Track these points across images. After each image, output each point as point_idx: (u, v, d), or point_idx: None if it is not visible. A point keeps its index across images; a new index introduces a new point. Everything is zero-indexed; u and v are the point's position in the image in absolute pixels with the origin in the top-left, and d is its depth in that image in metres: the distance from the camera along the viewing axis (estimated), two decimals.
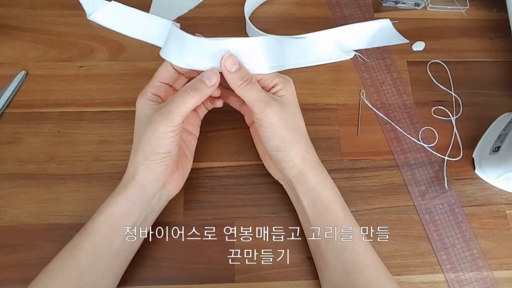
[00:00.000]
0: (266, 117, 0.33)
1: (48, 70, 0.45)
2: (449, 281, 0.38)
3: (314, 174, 0.35)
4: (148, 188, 0.33)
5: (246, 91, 0.33)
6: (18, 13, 0.47)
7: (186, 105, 0.32)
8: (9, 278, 0.37)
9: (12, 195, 0.40)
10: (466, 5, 0.50)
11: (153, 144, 0.32)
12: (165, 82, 0.36)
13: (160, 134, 0.32)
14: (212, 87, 0.33)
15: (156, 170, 0.33)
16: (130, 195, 0.33)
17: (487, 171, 0.41)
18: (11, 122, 0.42)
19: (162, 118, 0.32)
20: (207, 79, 0.33)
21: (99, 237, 0.32)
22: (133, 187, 0.33)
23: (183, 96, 0.32)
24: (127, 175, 0.34)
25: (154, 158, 0.32)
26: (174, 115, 0.31)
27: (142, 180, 0.33)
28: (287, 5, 0.50)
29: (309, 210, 0.35)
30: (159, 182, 0.33)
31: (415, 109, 0.45)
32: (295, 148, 0.34)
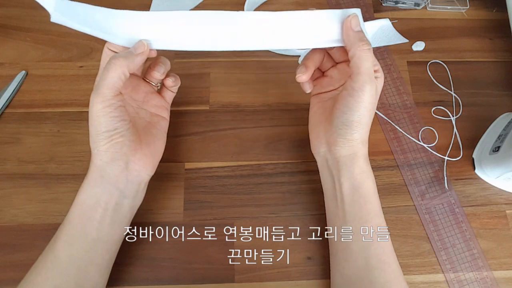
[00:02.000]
0: (362, 91, 0.32)
1: (48, 70, 0.45)
2: (449, 281, 0.38)
3: (364, 163, 0.35)
4: (108, 170, 0.32)
5: (364, 54, 0.31)
6: (18, 13, 0.47)
7: (111, 74, 0.30)
8: (9, 278, 0.37)
9: (12, 195, 0.40)
10: (466, 5, 0.50)
11: (94, 125, 0.31)
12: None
13: (96, 112, 0.30)
14: (140, 54, 0.32)
15: (109, 150, 0.32)
16: (93, 181, 0.32)
17: (487, 171, 0.41)
18: (11, 122, 0.42)
19: (93, 95, 0.30)
20: (134, 48, 0.32)
21: (73, 227, 0.32)
22: (93, 172, 0.32)
23: (107, 67, 0.31)
24: (90, 163, 0.33)
25: (101, 138, 0.31)
26: (102, 88, 0.30)
27: (99, 163, 0.32)
28: (287, 5, 0.50)
29: (348, 196, 0.34)
30: (118, 163, 0.32)
31: (415, 109, 0.45)
32: (363, 131, 0.34)
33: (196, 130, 0.43)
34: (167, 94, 0.39)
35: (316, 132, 0.37)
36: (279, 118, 0.44)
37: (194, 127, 0.43)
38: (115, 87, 0.31)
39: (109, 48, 0.33)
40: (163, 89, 0.39)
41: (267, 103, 0.44)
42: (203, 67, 0.46)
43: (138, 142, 0.34)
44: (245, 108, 0.44)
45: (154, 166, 0.36)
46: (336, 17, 0.33)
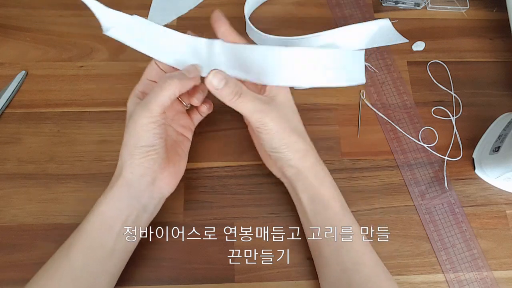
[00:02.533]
0: (264, 125, 0.32)
1: (48, 70, 0.45)
2: (449, 281, 0.38)
3: (313, 172, 0.35)
4: (135, 185, 0.33)
5: (239, 104, 0.32)
6: (18, 13, 0.47)
7: (164, 93, 0.31)
8: (9, 278, 0.37)
9: (12, 195, 0.40)
10: (466, 5, 0.50)
11: (134, 137, 0.32)
12: (152, 79, 0.36)
13: (140, 126, 0.31)
14: (192, 78, 0.33)
15: (142, 165, 0.32)
16: (118, 192, 0.33)
17: (487, 171, 0.41)
18: (11, 122, 0.42)
19: (141, 110, 0.31)
20: (187, 71, 0.33)
21: (92, 237, 0.32)
22: (120, 184, 0.33)
23: (160, 85, 0.31)
24: (116, 173, 0.34)
25: (138, 152, 0.32)
26: (152, 105, 0.31)
27: (129, 176, 0.32)
28: (287, 5, 0.50)
29: (308, 207, 0.35)
30: (147, 178, 0.33)
31: (415, 109, 0.45)
32: (294, 148, 0.34)
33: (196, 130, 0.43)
34: (195, 116, 0.39)
35: (266, 160, 0.39)
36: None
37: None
38: (164, 105, 0.31)
39: (157, 64, 0.35)
40: (192, 110, 0.39)
41: None
42: None
43: (167, 160, 0.35)
44: None
45: (176, 184, 0.37)
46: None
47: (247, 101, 0.32)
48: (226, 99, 0.32)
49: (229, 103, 0.32)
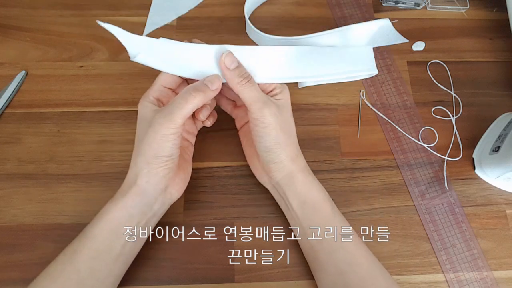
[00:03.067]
0: (263, 117, 0.33)
1: (48, 70, 0.45)
2: (449, 281, 0.38)
3: (302, 176, 0.36)
4: (149, 193, 0.33)
5: (245, 88, 0.33)
6: (18, 13, 0.47)
7: (188, 105, 0.32)
8: (9, 278, 0.37)
9: (12, 195, 0.40)
10: (466, 5, 0.50)
11: (154, 147, 0.32)
12: (168, 86, 0.36)
13: (162, 136, 0.31)
14: (214, 91, 0.33)
15: (159, 174, 0.32)
16: (131, 201, 0.33)
17: (487, 171, 0.41)
18: (11, 122, 0.42)
19: (164, 120, 0.31)
20: (210, 82, 0.33)
21: (99, 243, 0.32)
22: (134, 192, 0.33)
23: (185, 97, 0.32)
24: (128, 180, 0.34)
25: (157, 162, 0.32)
26: (176, 116, 0.31)
27: (143, 185, 0.33)
28: (287, 5, 0.50)
29: (299, 212, 0.35)
30: (160, 186, 0.33)
31: (415, 109, 0.45)
32: (287, 150, 0.35)
33: None
34: (198, 121, 0.39)
35: (253, 164, 0.39)
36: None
37: None
38: (186, 117, 0.32)
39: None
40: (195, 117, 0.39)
41: None
42: None
43: (178, 167, 0.35)
44: None
45: (184, 189, 0.37)
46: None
47: (254, 89, 0.33)
48: (234, 81, 0.33)
49: (236, 87, 0.33)
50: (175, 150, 0.32)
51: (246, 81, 0.33)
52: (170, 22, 0.48)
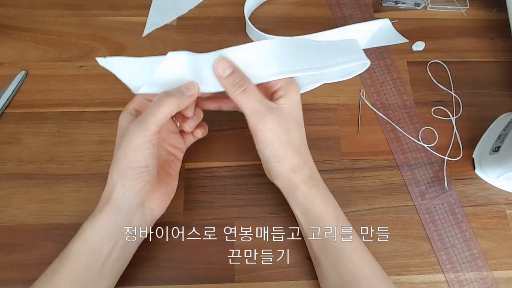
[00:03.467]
0: (260, 131, 0.32)
1: (48, 70, 0.45)
2: (449, 281, 0.38)
3: (305, 188, 0.34)
4: (125, 208, 0.31)
5: (241, 99, 0.31)
6: (18, 13, 0.48)
7: (161, 111, 0.30)
8: (9, 278, 0.37)
9: (12, 195, 0.40)
10: (466, 5, 0.50)
11: (128, 157, 0.30)
12: (149, 98, 0.34)
13: (136, 145, 0.30)
14: (190, 97, 0.32)
15: (134, 187, 0.31)
16: (107, 218, 0.31)
17: (487, 171, 0.41)
18: (11, 122, 0.42)
19: (137, 128, 0.30)
20: (185, 88, 0.32)
21: (78, 264, 0.31)
22: (109, 208, 0.31)
23: (157, 103, 0.30)
24: (104, 195, 0.32)
25: (131, 173, 0.30)
26: (149, 123, 0.30)
27: (118, 200, 0.31)
28: (287, 5, 0.50)
29: (302, 221, 0.35)
30: (137, 201, 0.31)
31: (415, 109, 0.45)
32: (286, 162, 0.33)
33: None
34: (188, 137, 0.38)
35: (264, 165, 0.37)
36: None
37: None
38: (160, 124, 0.30)
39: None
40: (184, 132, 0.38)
41: None
42: None
43: (158, 181, 0.33)
44: None
45: (167, 205, 0.35)
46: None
47: (250, 98, 0.31)
48: (229, 90, 0.32)
49: (231, 96, 0.32)
50: (151, 161, 0.31)
51: (240, 90, 0.31)
52: (170, 22, 0.48)
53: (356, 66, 0.40)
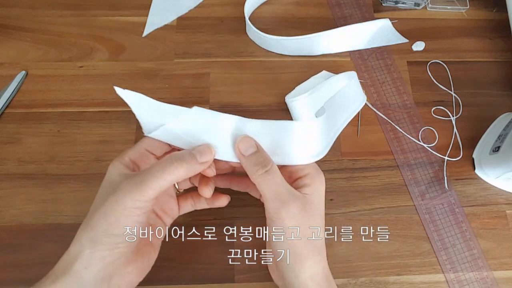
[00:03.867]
0: (279, 220, 0.28)
1: (48, 70, 0.45)
2: (449, 281, 0.38)
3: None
4: (86, 284, 0.25)
5: (262, 180, 0.28)
6: (18, 13, 0.47)
7: (166, 176, 0.26)
8: (9, 278, 0.37)
9: (12, 195, 0.40)
10: (466, 5, 0.50)
11: (109, 220, 0.25)
12: (152, 151, 0.30)
13: (124, 208, 0.25)
14: (203, 164, 0.27)
15: (105, 259, 0.25)
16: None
17: (487, 171, 0.41)
18: (11, 122, 0.42)
19: (132, 188, 0.25)
20: (199, 153, 0.27)
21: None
22: (65, 282, 0.25)
23: (164, 165, 0.26)
24: (64, 261, 0.26)
25: (106, 241, 0.25)
26: (148, 187, 0.25)
27: (80, 272, 0.25)
28: (287, 5, 0.50)
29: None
30: (103, 275, 0.25)
31: (415, 109, 0.45)
32: (306, 264, 0.28)
33: None
34: (185, 204, 0.33)
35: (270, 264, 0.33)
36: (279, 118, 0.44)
37: None
38: (160, 190, 0.26)
39: None
40: (184, 197, 0.34)
41: (267, 103, 0.44)
42: (203, 67, 0.46)
43: (135, 253, 0.28)
44: (245, 108, 0.44)
45: (139, 281, 0.29)
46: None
47: (273, 181, 0.28)
48: (250, 170, 0.28)
49: (252, 177, 0.28)
50: (135, 230, 0.26)
51: (262, 171, 0.28)
52: (170, 22, 0.48)
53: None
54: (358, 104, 0.39)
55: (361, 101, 0.40)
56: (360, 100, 0.40)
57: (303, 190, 0.29)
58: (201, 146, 0.28)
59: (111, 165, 0.28)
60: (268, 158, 0.29)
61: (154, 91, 0.44)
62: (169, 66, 0.45)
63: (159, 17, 0.48)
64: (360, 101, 0.40)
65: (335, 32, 0.45)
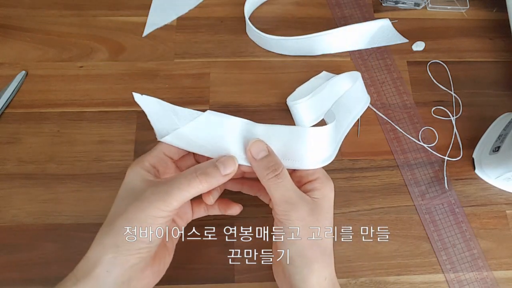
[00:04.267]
0: (288, 221, 0.28)
1: (48, 70, 0.45)
2: (449, 281, 0.38)
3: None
4: (107, 287, 0.26)
5: (272, 184, 0.28)
6: (18, 13, 0.47)
7: (190, 190, 0.27)
8: (9, 278, 0.37)
9: (12, 195, 0.40)
10: (466, 5, 0.50)
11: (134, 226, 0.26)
12: (170, 155, 0.31)
13: (147, 217, 0.26)
14: (226, 176, 0.28)
15: (127, 263, 0.26)
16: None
17: (487, 171, 0.41)
18: (11, 122, 0.42)
19: (157, 198, 0.26)
20: (222, 165, 0.28)
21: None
22: (87, 283, 0.26)
23: (188, 178, 0.27)
24: (85, 264, 0.27)
25: (129, 247, 0.26)
26: (172, 198, 0.26)
27: (102, 276, 0.26)
28: (287, 5, 0.50)
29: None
30: (123, 279, 0.26)
31: (415, 109, 0.45)
32: (313, 268, 0.28)
33: None
34: (198, 209, 0.34)
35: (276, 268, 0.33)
36: (279, 118, 0.44)
37: None
38: (184, 202, 0.27)
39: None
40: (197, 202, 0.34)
41: (267, 103, 0.44)
42: (203, 67, 0.46)
43: (153, 258, 0.29)
44: (245, 108, 0.44)
45: (154, 284, 0.30)
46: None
47: (282, 185, 0.28)
48: (261, 174, 0.28)
49: (262, 180, 0.29)
50: (157, 238, 0.27)
51: (273, 175, 0.28)
52: (170, 22, 0.48)
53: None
54: (362, 106, 0.39)
55: (366, 102, 0.40)
56: (364, 102, 0.40)
57: (312, 194, 0.30)
58: (225, 158, 0.29)
59: (131, 170, 0.29)
60: (279, 162, 0.29)
61: (154, 91, 0.44)
62: (169, 66, 0.45)
63: (159, 17, 0.48)
64: (364, 102, 0.40)
65: (335, 32, 0.45)
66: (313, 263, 0.28)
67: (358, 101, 0.39)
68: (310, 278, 0.28)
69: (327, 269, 0.29)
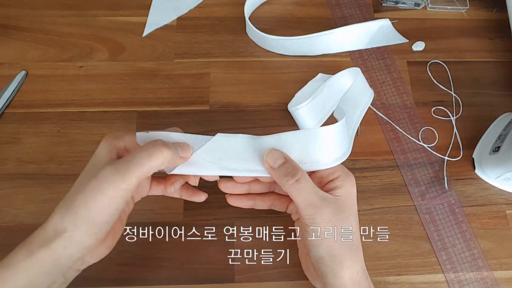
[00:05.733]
0: (314, 224, 0.28)
1: (48, 70, 0.45)
2: (449, 281, 0.38)
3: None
4: (62, 262, 0.26)
5: (294, 190, 0.28)
6: (18, 13, 0.47)
7: (152, 163, 0.26)
8: None
9: (12, 195, 0.40)
10: (466, 5, 0.50)
11: (90, 208, 0.25)
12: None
13: (105, 197, 0.25)
14: (181, 159, 0.29)
15: (83, 243, 0.26)
16: (36, 267, 0.26)
17: (487, 171, 0.41)
18: (11, 122, 0.42)
19: (115, 176, 0.25)
20: (180, 148, 0.28)
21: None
22: (43, 257, 0.26)
23: (150, 151, 0.26)
24: (42, 235, 0.26)
25: (87, 227, 0.26)
26: (133, 174, 0.25)
27: (58, 250, 0.26)
28: (287, 5, 0.50)
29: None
30: (78, 255, 0.27)
31: (415, 109, 0.45)
32: (345, 265, 0.29)
33: (196, 130, 0.43)
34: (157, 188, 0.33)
35: (306, 266, 0.34)
36: (279, 118, 0.44)
37: (194, 127, 0.43)
38: (144, 177, 0.26)
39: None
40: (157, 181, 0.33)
41: (267, 103, 0.44)
42: (203, 67, 0.46)
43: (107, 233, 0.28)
44: (245, 108, 0.44)
45: (107, 253, 0.30)
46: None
47: (304, 189, 0.28)
48: (281, 181, 0.29)
49: (284, 187, 0.29)
50: (114, 217, 0.27)
51: (293, 180, 0.28)
52: (170, 22, 0.48)
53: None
54: (367, 99, 0.39)
55: (370, 95, 0.40)
56: (369, 95, 0.40)
57: (335, 192, 0.30)
58: (183, 144, 0.29)
59: (105, 141, 0.28)
60: (297, 167, 0.29)
61: (154, 91, 0.44)
62: (169, 66, 0.45)
63: (159, 17, 0.48)
64: (369, 95, 0.40)
65: (335, 32, 0.45)
66: (343, 260, 0.29)
67: (363, 94, 0.39)
68: (343, 274, 0.29)
69: (358, 263, 0.30)
